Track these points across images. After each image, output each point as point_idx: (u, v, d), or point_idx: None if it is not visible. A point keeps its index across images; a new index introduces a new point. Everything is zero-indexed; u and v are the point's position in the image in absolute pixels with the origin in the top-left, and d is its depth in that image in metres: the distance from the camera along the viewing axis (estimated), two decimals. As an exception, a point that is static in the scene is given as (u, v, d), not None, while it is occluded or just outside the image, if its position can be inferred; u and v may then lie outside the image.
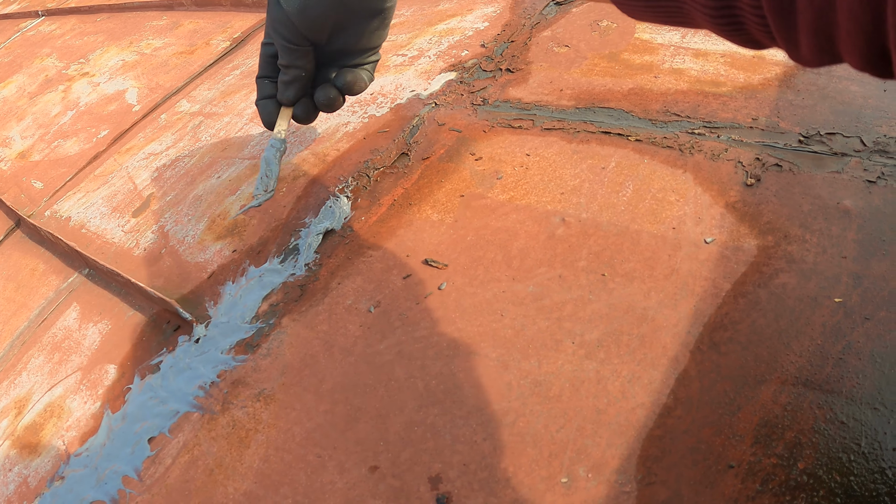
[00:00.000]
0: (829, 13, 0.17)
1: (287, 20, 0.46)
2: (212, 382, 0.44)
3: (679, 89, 0.49)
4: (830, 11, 0.17)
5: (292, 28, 0.47)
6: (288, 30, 0.47)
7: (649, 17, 0.26)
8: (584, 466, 0.32)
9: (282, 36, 0.47)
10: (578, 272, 0.39)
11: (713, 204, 0.41)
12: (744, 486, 0.31)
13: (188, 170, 0.65)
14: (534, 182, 0.46)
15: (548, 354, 0.36)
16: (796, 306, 0.36)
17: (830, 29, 0.17)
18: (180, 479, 0.40)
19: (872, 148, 0.42)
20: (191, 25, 0.90)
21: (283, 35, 0.47)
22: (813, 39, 0.18)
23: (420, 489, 0.34)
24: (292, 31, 0.47)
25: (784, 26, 0.19)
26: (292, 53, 0.48)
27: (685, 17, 0.24)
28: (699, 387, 0.34)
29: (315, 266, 0.47)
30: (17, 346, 0.62)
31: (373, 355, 0.40)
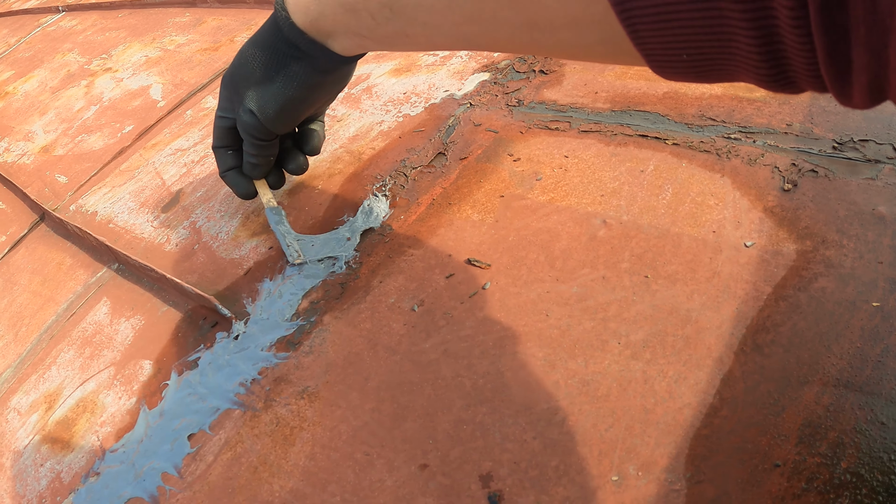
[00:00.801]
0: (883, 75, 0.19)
1: (260, 125, 0.47)
2: (253, 379, 0.44)
3: (713, 94, 0.49)
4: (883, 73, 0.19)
5: (265, 131, 0.48)
6: (260, 132, 0.48)
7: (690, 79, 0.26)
8: (633, 465, 0.33)
9: (252, 136, 0.48)
10: (622, 273, 0.40)
11: (751, 208, 0.42)
12: (790, 485, 0.31)
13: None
14: (573, 184, 0.46)
15: (594, 354, 0.37)
16: (835, 310, 0.36)
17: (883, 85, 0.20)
18: (223, 477, 0.40)
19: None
20: (214, 22, 0.90)
21: (254, 136, 0.48)
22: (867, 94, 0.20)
23: (471, 487, 0.34)
24: (265, 133, 0.48)
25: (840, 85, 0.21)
26: (263, 148, 0.49)
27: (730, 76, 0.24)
28: (743, 387, 0.35)
29: (355, 264, 0.47)
30: (45, 340, 0.62)
31: (418, 354, 0.40)
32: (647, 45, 0.24)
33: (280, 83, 0.45)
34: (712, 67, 0.24)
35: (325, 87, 0.46)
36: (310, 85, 0.45)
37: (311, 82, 0.45)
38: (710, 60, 0.24)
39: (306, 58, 0.43)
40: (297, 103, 0.46)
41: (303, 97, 0.46)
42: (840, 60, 0.20)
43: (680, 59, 0.24)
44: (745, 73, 0.23)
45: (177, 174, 0.68)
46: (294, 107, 0.46)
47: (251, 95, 0.46)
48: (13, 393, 0.58)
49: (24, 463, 0.50)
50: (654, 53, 0.24)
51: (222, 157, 0.52)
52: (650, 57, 0.25)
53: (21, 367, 0.61)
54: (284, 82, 0.45)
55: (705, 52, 0.23)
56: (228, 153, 0.52)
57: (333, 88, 0.47)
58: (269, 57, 0.44)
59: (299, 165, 0.52)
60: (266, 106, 0.46)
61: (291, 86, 0.45)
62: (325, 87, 0.46)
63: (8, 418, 0.56)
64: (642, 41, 0.24)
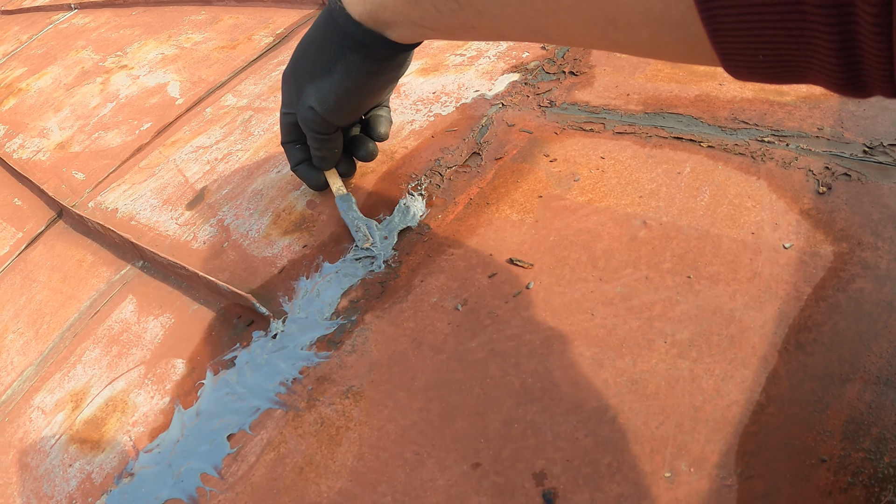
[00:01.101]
0: None
1: (320, 119, 0.48)
2: (294, 379, 0.45)
3: (745, 97, 0.50)
4: None
5: (326, 124, 0.48)
6: (321, 126, 0.48)
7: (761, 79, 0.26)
8: (685, 461, 0.34)
9: (314, 130, 0.49)
10: (664, 274, 0.41)
11: (788, 210, 0.43)
12: (836, 479, 0.32)
13: (243, 164, 0.65)
14: (611, 185, 0.47)
15: (641, 353, 0.38)
16: (873, 310, 0.37)
17: None
18: (267, 477, 0.41)
19: (935, 159, 0.44)
20: (231, 20, 0.90)
21: (314, 130, 0.49)
22: None
23: (525, 485, 0.35)
24: (326, 126, 0.48)
25: None
26: (325, 142, 0.50)
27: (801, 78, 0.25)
28: (788, 385, 0.35)
29: (394, 263, 0.48)
30: (68, 338, 0.62)
31: (464, 353, 0.41)
32: (725, 45, 0.25)
33: (338, 75, 0.45)
34: (787, 69, 0.25)
35: (384, 76, 0.46)
36: (367, 74, 0.45)
37: (368, 72, 0.45)
38: (785, 62, 0.24)
39: (362, 48, 0.43)
40: (356, 94, 0.46)
41: (361, 87, 0.46)
42: None
43: (756, 59, 0.25)
44: (817, 75, 0.24)
45: (200, 171, 0.68)
46: (353, 98, 0.46)
47: (310, 90, 0.46)
48: (36, 391, 0.58)
49: (50, 463, 0.50)
50: (731, 53, 0.25)
51: (291, 152, 0.53)
52: (726, 56, 0.25)
53: (43, 365, 0.61)
54: (342, 74, 0.45)
55: (783, 53, 0.24)
56: (297, 147, 0.53)
57: (392, 76, 0.47)
58: (325, 50, 0.45)
59: (369, 152, 0.53)
60: (326, 99, 0.46)
61: (349, 77, 0.45)
62: (384, 76, 0.46)
63: (32, 417, 0.56)
64: (721, 41, 0.24)
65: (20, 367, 0.62)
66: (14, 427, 0.55)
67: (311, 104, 0.47)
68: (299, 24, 0.84)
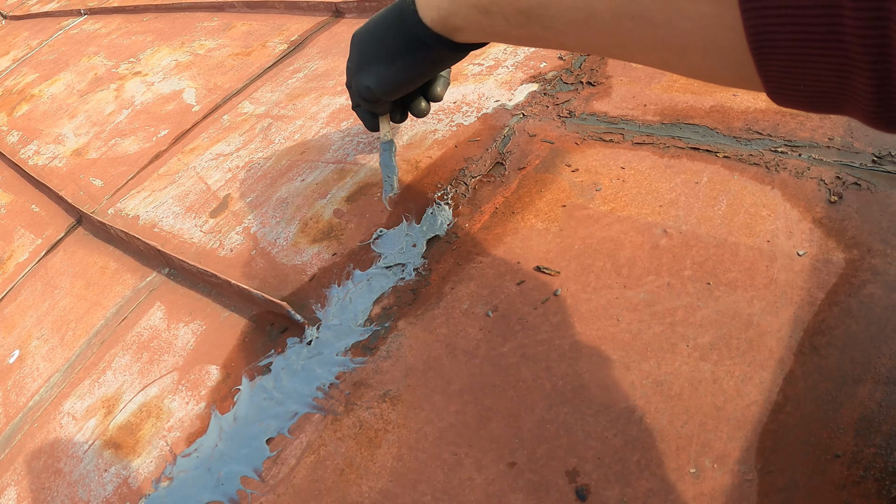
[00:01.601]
0: None
1: (374, 95, 0.53)
2: (331, 384, 0.47)
3: (758, 108, 0.53)
4: None
5: (381, 99, 0.54)
6: (374, 98, 0.54)
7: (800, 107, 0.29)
8: (709, 458, 0.37)
9: (366, 100, 0.55)
10: (685, 281, 0.44)
11: (801, 219, 0.46)
12: (849, 473, 0.35)
13: (266, 172, 0.68)
14: (632, 194, 0.50)
15: (665, 356, 0.41)
16: (883, 314, 0.40)
17: None
18: (308, 479, 0.43)
19: (941, 167, 0.47)
20: (244, 27, 0.93)
21: (367, 100, 0.55)
22: None
23: (559, 482, 0.38)
24: (378, 99, 0.54)
25: None
26: (377, 105, 0.56)
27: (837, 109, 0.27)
28: (804, 386, 0.38)
29: (424, 271, 0.51)
30: (95, 345, 0.65)
31: (497, 357, 0.44)
32: (769, 74, 0.27)
33: (399, 66, 0.50)
34: (825, 99, 0.27)
35: (442, 67, 0.51)
36: (427, 69, 0.50)
37: (427, 67, 0.50)
38: (824, 93, 0.26)
39: (428, 48, 0.47)
40: (412, 81, 0.51)
41: (417, 77, 0.51)
42: None
43: (797, 88, 0.27)
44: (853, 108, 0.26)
45: (222, 179, 0.71)
46: (409, 83, 0.52)
47: (371, 70, 0.52)
48: (65, 397, 0.61)
49: (84, 468, 0.53)
50: (775, 82, 0.27)
51: (353, 94, 0.58)
52: (770, 84, 0.27)
53: (71, 371, 0.63)
54: (403, 66, 0.50)
55: (823, 85, 0.26)
56: None
57: (450, 64, 0.52)
58: (392, 41, 0.49)
59: (421, 110, 0.57)
60: (382, 84, 0.51)
61: (409, 70, 0.50)
62: (442, 67, 0.51)
63: (62, 423, 0.58)
64: (767, 70, 0.27)
65: (47, 374, 0.64)
66: (44, 433, 0.58)
67: (368, 84, 0.52)
68: (313, 31, 0.87)
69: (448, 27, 0.44)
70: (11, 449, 0.59)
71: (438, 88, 0.56)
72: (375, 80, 0.51)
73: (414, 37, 0.47)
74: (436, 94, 0.56)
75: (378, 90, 0.52)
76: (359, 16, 0.85)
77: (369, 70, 0.52)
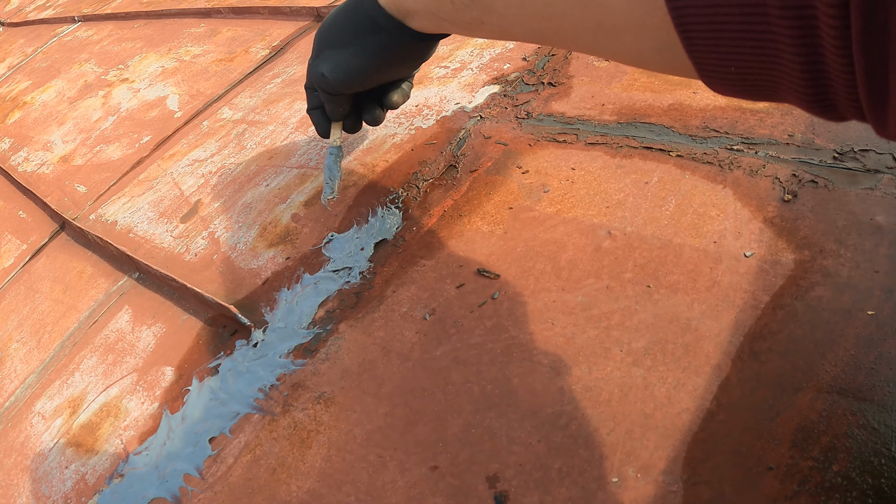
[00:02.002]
0: None
1: (328, 84, 0.52)
2: (272, 385, 0.48)
3: (717, 105, 0.52)
4: None
5: (333, 89, 0.52)
6: (329, 88, 0.53)
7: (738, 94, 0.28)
8: (633, 467, 0.36)
9: (323, 90, 0.53)
10: (625, 283, 0.43)
11: (752, 219, 0.45)
12: (783, 487, 0.34)
13: (235, 177, 0.69)
14: (580, 195, 0.49)
15: (597, 361, 0.40)
16: (831, 318, 0.39)
17: None
18: (243, 478, 0.44)
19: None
20: (229, 33, 0.94)
21: (323, 90, 0.53)
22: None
23: (478, 487, 0.37)
24: (334, 90, 0.53)
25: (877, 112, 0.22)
26: (333, 100, 0.54)
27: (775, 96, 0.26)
28: (740, 393, 0.37)
29: (369, 274, 0.51)
30: (67, 347, 0.66)
31: (430, 361, 0.43)
32: (697, 54, 0.26)
33: (352, 51, 0.49)
34: (758, 84, 0.26)
35: (401, 60, 0.50)
36: (382, 56, 0.49)
37: (384, 54, 0.49)
38: (756, 75, 0.25)
39: (382, 32, 0.47)
40: (367, 71, 0.50)
41: (374, 67, 0.50)
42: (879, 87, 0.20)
43: (728, 71, 0.26)
44: (789, 93, 0.25)
45: (195, 185, 0.72)
46: (364, 74, 0.50)
47: (326, 56, 0.51)
48: (37, 398, 0.62)
49: (48, 465, 0.54)
50: (704, 63, 0.26)
51: (311, 97, 0.58)
52: (700, 66, 0.27)
53: (44, 372, 0.65)
54: (357, 51, 0.49)
55: (752, 66, 0.25)
56: (315, 94, 0.57)
57: (412, 61, 0.51)
58: (349, 25, 0.49)
59: (374, 118, 0.57)
60: (336, 69, 0.50)
61: (363, 56, 0.49)
62: (401, 60, 0.50)
63: (32, 422, 0.60)
64: (694, 49, 0.26)
65: (23, 375, 0.66)
66: (16, 432, 0.60)
67: (323, 71, 0.51)
68: (294, 35, 0.88)
69: (402, 10, 0.45)
70: (-15, 448, 0.60)
71: (395, 96, 0.55)
72: (330, 65, 0.51)
73: (370, 19, 0.47)
74: (391, 101, 0.55)
75: (332, 77, 0.51)
76: (339, 21, 0.86)
77: (324, 57, 0.51)
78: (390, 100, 0.55)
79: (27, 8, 1.48)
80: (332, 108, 0.56)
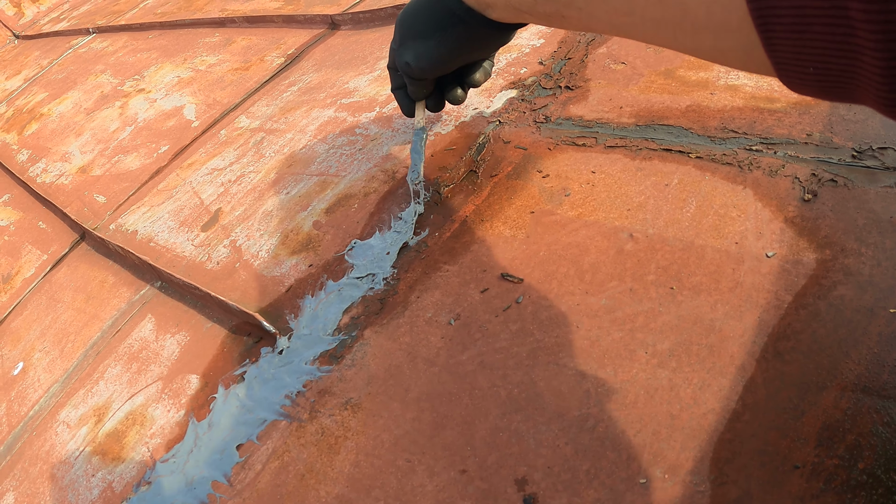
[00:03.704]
0: None
1: (412, 70, 0.55)
2: (298, 392, 0.49)
3: (735, 106, 0.53)
4: None
5: (419, 75, 0.55)
6: (413, 74, 0.55)
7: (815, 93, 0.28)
8: (660, 468, 0.37)
9: (407, 76, 0.56)
10: (648, 285, 0.44)
11: (773, 219, 0.45)
12: (809, 486, 0.34)
13: (255, 185, 0.70)
14: (601, 199, 0.50)
15: (622, 364, 0.41)
16: (854, 317, 0.40)
17: None
18: (271, 484, 0.45)
19: (924, 162, 0.46)
20: (244, 42, 0.96)
21: (408, 75, 0.56)
22: None
23: (507, 490, 0.38)
24: (417, 75, 0.56)
25: None
26: (416, 84, 0.57)
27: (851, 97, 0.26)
28: (765, 393, 0.38)
29: (393, 280, 0.52)
30: (91, 356, 0.68)
31: (455, 365, 0.44)
32: (777, 54, 0.27)
33: (434, 42, 0.52)
34: (836, 84, 0.26)
35: (480, 48, 0.53)
36: (463, 46, 0.52)
37: (464, 44, 0.51)
38: (835, 76, 0.26)
39: (462, 23, 0.49)
40: (449, 59, 0.53)
41: (455, 55, 0.53)
42: None
43: (807, 71, 0.26)
44: (867, 95, 0.25)
45: (214, 193, 0.73)
46: (445, 61, 0.53)
47: (409, 46, 0.54)
48: (62, 406, 0.64)
49: (75, 473, 0.56)
50: (783, 63, 0.27)
51: (394, 77, 0.61)
52: (779, 66, 0.27)
53: (68, 381, 0.66)
54: (439, 41, 0.52)
55: (832, 67, 0.25)
56: (398, 74, 0.60)
57: (490, 47, 0.54)
58: (429, 17, 0.51)
59: (456, 97, 0.59)
60: (420, 58, 0.53)
61: (445, 45, 0.52)
62: (480, 48, 0.53)
63: (58, 431, 0.61)
64: (774, 49, 0.26)
65: (46, 384, 0.68)
66: (41, 440, 0.61)
67: (408, 59, 0.54)
68: (309, 44, 0.89)
69: (481, 3, 0.46)
70: (12, 456, 0.62)
71: (477, 75, 0.58)
72: (413, 55, 0.53)
73: (449, 12, 0.49)
74: (474, 80, 0.58)
75: (416, 66, 0.54)
76: (354, 27, 0.88)
77: (408, 47, 0.54)
78: (473, 79, 0.58)
79: (42, 20, 1.51)
80: (414, 90, 0.58)
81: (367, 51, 0.82)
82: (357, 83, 0.78)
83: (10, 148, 1.07)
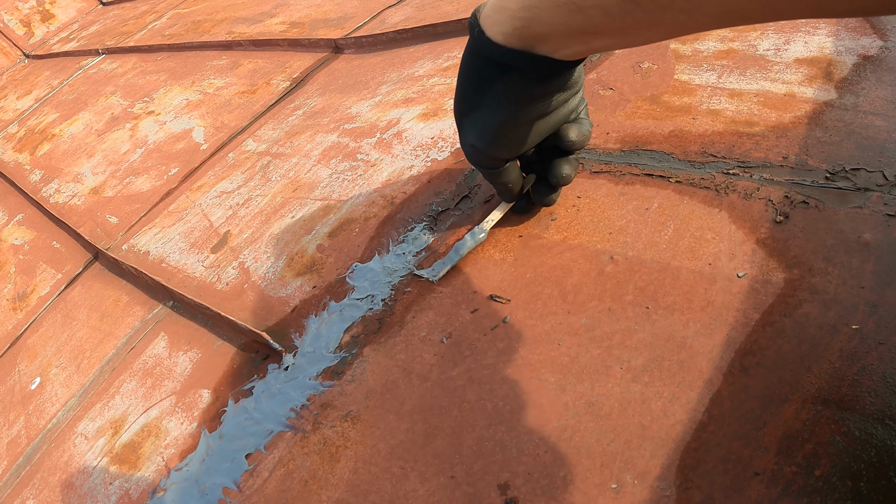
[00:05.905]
0: None
1: (481, 156, 0.48)
2: (302, 405, 0.55)
3: (716, 130, 0.58)
4: None
5: (492, 160, 0.49)
6: (487, 161, 0.49)
7: None
8: (630, 474, 0.42)
9: (480, 165, 0.50)
10: (626, 305, 0.49)
11: (745, 240, 0.50)
12: (768, 491, 0.39)
13: (261, 209, 0.76)
14: (585, 223, 0.56)
15: (599, 378, 0.46)
16: (817, 333, 0.44)
17: None
18: (277, 490, 0.51)
19: (894, 182, 0.50)
20: (250, 65, 1.03)
21: (481, 165, 0.50)
22: None
23: (491, 494, 0.44)
24: (493, 161, 0.49)
25: None
26: (496, 175, 0.51)
27: None
28: (730, 405, 0.43)
29: (391, 301, 0.58)
30: (107, 372, 0.74)
31: (446, 380, 0.50)
32: None
33: (488, 109, 0.44)
34: None
35: (544, 99, 0.44)
36: (520, 102, 0.44)
37: (521, 99, 0.44)
38: None
39: (510, 73, 0.42)
40: (515, 125, 0.45)
41: (518, 117, 0.45)
42: None
43: None
44: None
45: (223, 216, 0.79)
46: (513, 130, 0.46)
47: (467, 126, 0.47)
48: (79, 420, 0.70)
49: (93, 482, 0.62)
50: None
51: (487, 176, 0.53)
52: None
53: (85, 396, 0.73)
54: (492, 108, 0.44)
55: None
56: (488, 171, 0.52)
57: (559, 97, 0.45)
58: (473, 81, 0.44)
59: (560, 174, 0.51)
60: (482, 135, 0.46)
61: (500, 110, 0.44)
62: (544, 99, 0.44)
63: (76, 442, 0.68)
64: None
65: (64, 398, 0.74)
66: (60, 451, 0.67)
67: (471, 141, 0.47)
68: (314, 67, 0.96)
69: (528, 38, 0.39)
70: (31, 466, 0.68)
71: (569, 137, 0.48)
72: (474, 133, 0.46)
73: (490, 63, 0.42)
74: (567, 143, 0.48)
75: (481, 145, 0.46)
76: (356, 51, 0.94)
77: (466, 126, 0.47)
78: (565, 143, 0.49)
79: (51, 40, 1.59)
80: (500, 187, 0.51)
81: (368, 76, 0.89)
82: (359, 108, 0.84)
83: (22, 168, 1.14)
